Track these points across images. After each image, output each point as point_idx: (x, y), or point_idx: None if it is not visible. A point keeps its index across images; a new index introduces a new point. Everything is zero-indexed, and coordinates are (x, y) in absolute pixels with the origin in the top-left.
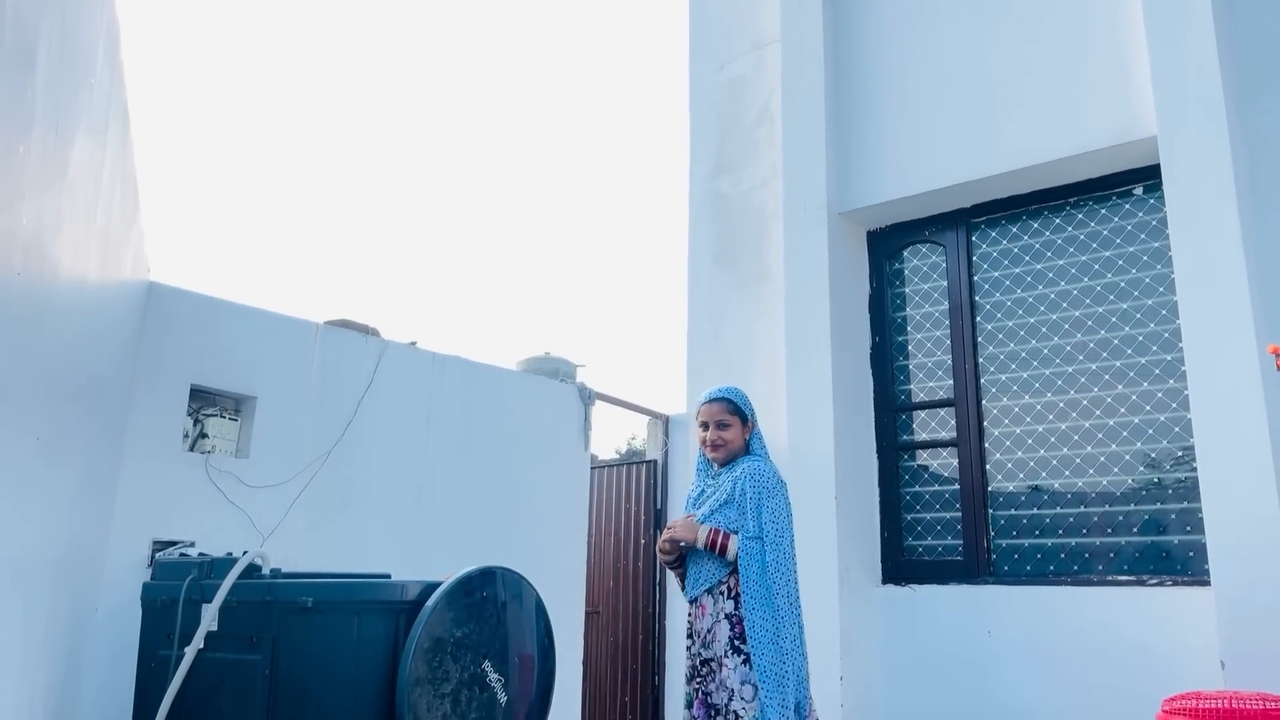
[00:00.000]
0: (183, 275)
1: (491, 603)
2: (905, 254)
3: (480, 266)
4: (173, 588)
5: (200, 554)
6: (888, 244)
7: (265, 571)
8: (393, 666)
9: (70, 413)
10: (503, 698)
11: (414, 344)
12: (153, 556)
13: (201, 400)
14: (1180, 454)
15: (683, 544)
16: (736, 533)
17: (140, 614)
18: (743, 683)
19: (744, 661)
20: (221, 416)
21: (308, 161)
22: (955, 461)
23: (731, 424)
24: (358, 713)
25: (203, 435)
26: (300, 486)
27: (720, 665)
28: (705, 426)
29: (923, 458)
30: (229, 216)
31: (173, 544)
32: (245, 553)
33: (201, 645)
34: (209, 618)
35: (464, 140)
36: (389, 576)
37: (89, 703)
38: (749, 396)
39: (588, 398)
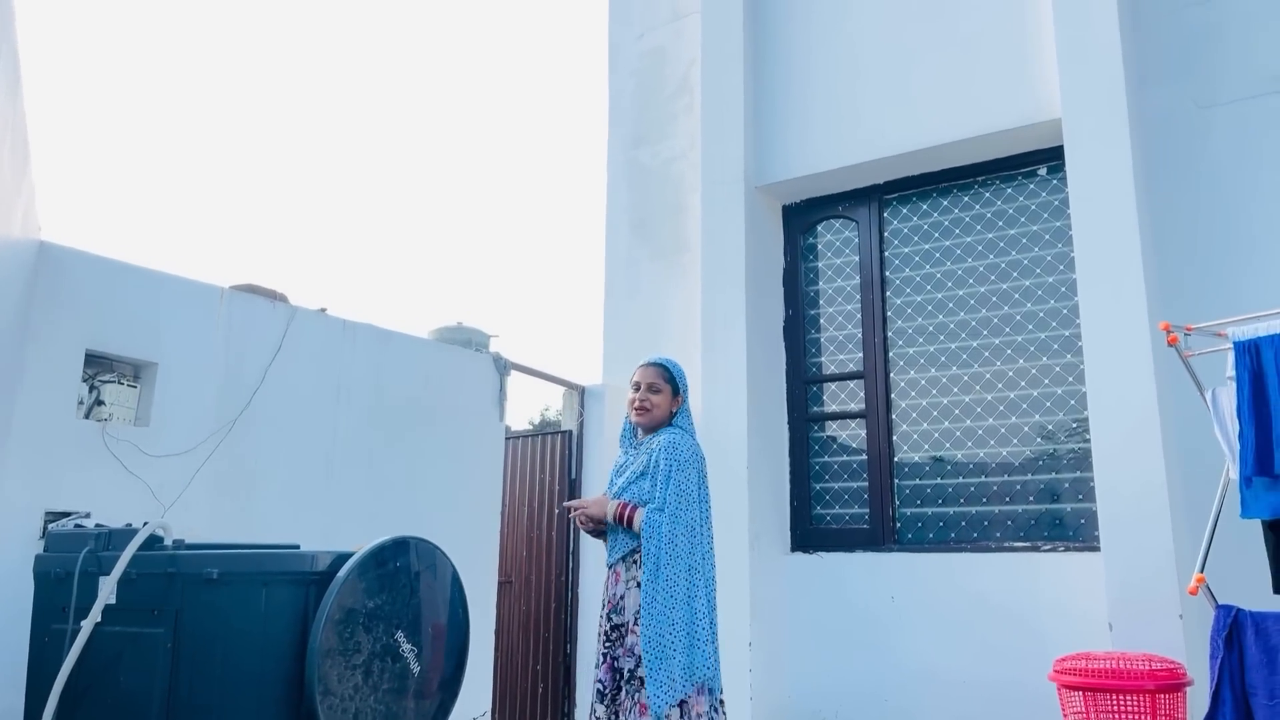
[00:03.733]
0: (79, 236)
1: (405, 573)
2: (819, 228)
3: (391, 234)
4: (68, 560)
5: (97, 525)
6: (802, 218)
7: (167, 543)
8: (302, 638)
9: None
10: (416, 668)
11: (324, 311)
12: (45, 528)
13: (98, 366)
14: (1075, 426)
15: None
16: (647, 504)
17: (32, 587)
18: None
19: None
20: (119, 383)
21: (213, 124)
22: (863, 433)
23: (662, 391)
24: (265, 685)
25: (99, 402)
26: (204, 456)
27: (629, 631)
28: (637, 388)
29: (832, 429)
30: (130, 177)
31: (67, 515)
32: (145, 523)
33: (99, 619)
34: (107, 590)
35: (374, 104)
36: (298, 547)
37: None
38: (687, 375)
39: (503, 368)
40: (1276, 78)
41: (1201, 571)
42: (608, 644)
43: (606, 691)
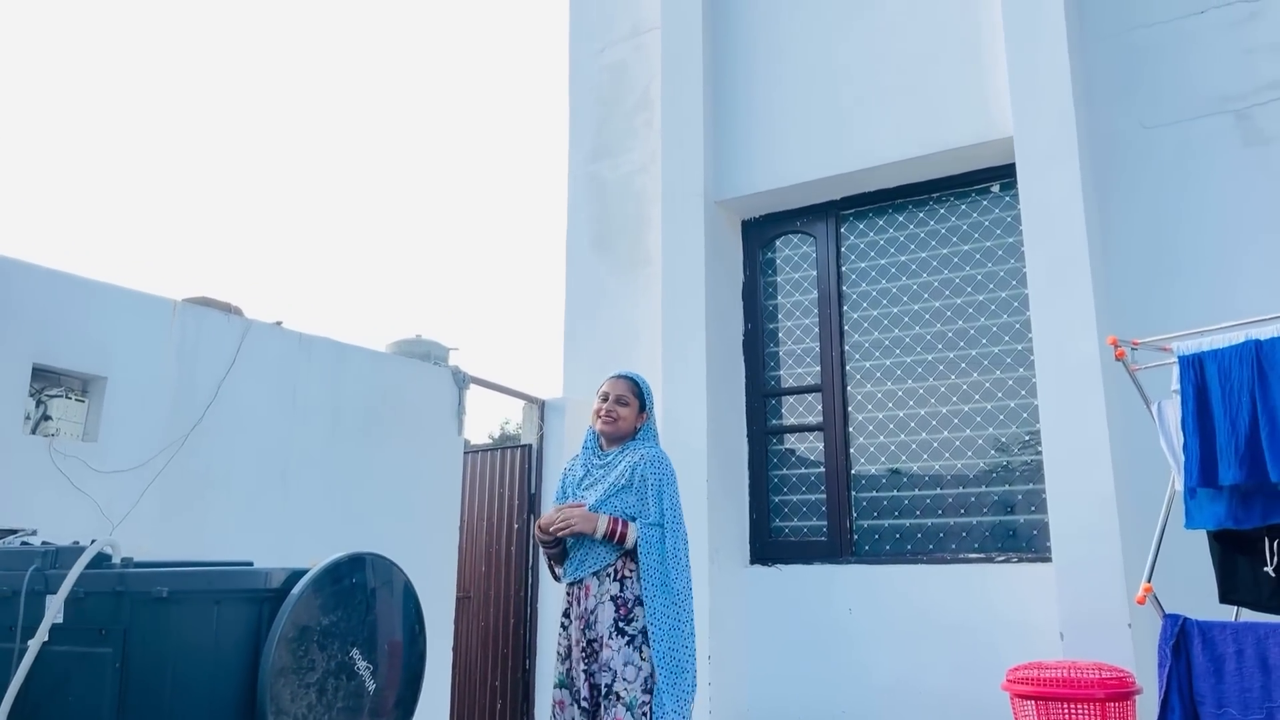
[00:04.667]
0: (26, 248)
1: (361, 589)
2: (778, 243)
3: (350, 247)
4: (13, 578)
5: (44, 542)
6: (761, 233)
7: (116, 561)
8: (255, 657)
9: None
10: (371, 685)
11: (279, 324)
12: None
13: (45, 380)
14: (1027, 438)
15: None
16: (633, 519)
17: None
18: (625, 664)
19: (628, 643)
20: (67, 398)
21: (169, 134)
22: (821, 445)
23: (630, 404)
24: (216, 705)
25: (46, 417)
26: (154, 472)
27: (603, 646)
28: (605, 398)
29: (790, 442)
30: (82, 188)
31: (13, 532)
32: (93, 541)
33: (46, 638)
34: (54, 609)
35: (332, 115)
36: (251, 564)
37: None
38: (653, 392)
39: (462, 381)
40: (1216, 99)
41: (1149, 581)
42: (585, 660)
43: (589, 709)
